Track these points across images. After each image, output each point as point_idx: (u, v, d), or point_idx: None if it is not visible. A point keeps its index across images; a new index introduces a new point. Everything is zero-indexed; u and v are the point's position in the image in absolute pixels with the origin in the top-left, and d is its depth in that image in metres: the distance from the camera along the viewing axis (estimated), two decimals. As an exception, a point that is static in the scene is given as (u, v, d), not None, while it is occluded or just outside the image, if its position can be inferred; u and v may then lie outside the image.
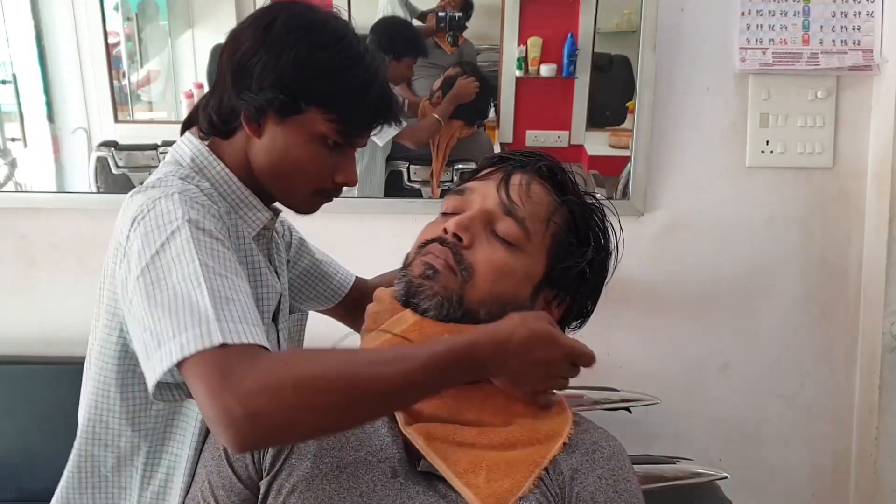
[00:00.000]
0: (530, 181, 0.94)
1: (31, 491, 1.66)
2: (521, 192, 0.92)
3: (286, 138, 0.98)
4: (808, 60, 1.64)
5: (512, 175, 0.94)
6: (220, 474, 0.90)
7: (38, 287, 1.74)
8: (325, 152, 1.00)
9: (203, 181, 1.01)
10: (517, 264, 0.90)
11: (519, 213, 0.91)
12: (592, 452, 0.88)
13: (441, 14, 1.75)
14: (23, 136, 1.76)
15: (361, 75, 0.97)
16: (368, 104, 0.99)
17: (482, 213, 0.91)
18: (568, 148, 1.80)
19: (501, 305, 0.89)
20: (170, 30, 1.81)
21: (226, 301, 0.81)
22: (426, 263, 0.89)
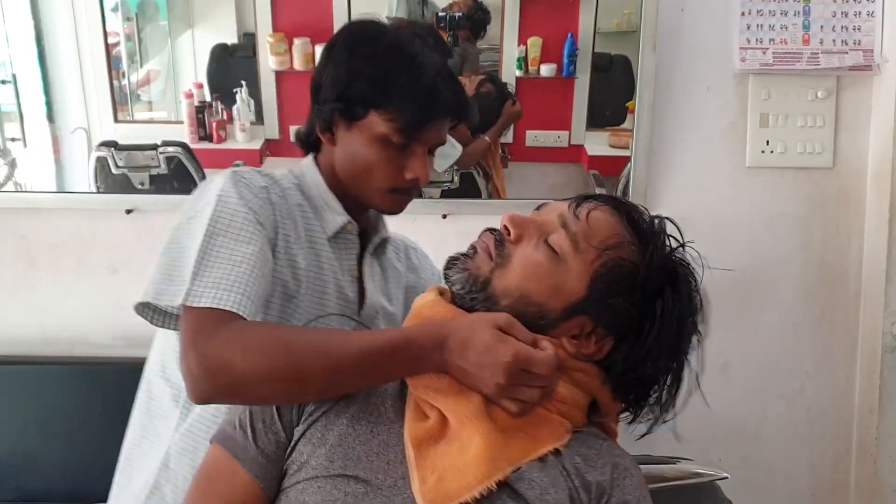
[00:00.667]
0: (601, 208, 0.92)
1: (31, 491, 1.66)
2: (585, 213, 0.91)
3: (354, 142, 1.08)
4: (808, 60, 1.63)
5: (584, 200, 0.93)
6: (263, 408, 0.90)
7: (37, 287, 1.74)
8: (392, 152, 1.07)
9: (291, 179, 1.13)
10: (554, 271, 0.88)
11: (572, 228, 0.90)
12: (623, 479, 0.89)
13: (441, 14, 1.76)
14: (23, 136, 1.76)
15: (410, 75, 1.05)
16: (420, 99, 1.04)
17: (541, 221, 0.92)
18: (568, 148, 1.80)
19: (525, 304, 0.88)
20: (170, 30, 1.81)
21: (208, 267, 0.94)
22: (472, 245, 0.92)
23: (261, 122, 1.77)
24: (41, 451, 1.66)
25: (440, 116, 1.07)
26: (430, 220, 1.70)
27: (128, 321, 1.71)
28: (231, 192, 1.01)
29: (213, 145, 1.77)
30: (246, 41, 1.76)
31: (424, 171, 1.08)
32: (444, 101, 1.07)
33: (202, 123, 1.76)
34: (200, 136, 1.77)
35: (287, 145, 1.77)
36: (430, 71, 1.05)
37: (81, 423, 1.65)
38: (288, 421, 0.89)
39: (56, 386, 1.66)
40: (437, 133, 1.09)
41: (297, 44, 1.74)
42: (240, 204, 1.00)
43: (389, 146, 1.06)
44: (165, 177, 1.73)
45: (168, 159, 1.73)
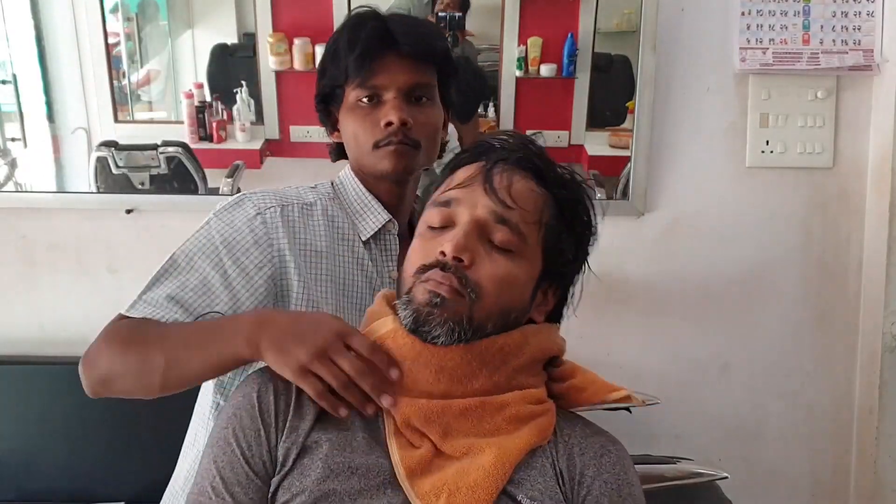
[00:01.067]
0: (513, 178, 0.91)
1: (31, 491, 1.66)
2: (509, 195, 0.90)
3: (344, 125, 1.15)
4: (808, 60, 1.63)
5: (493, 175, 0.91)
6: (233, 470, 0.88)
7: (37, 287, 1.74)
8: (365, 111, 1.11)
9: (327, 190, 1.17)
10: (519, 271, 0.90)
11: (512, 219, 0.89)
12: (600, 457, 0.90)
13: (441, 14, 1.75)
14: (23, 136, 1.76)
15: (336, 35, 1.13)
16: (347, 46, 1.10)
17: (476, 226, 0.89)
18: (568, 148, 1.80)
19: (507, 314, 0.90)
20: (170, 30, 1.81)
21: (157, 283, 1.05)
22: (432, 292, 0.87)
23: (261, 122, 1.77)
24: (41, 451, 1.66)
25: (373, 51, 1.09)
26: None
27: (128, 321, 1.72)
28: (209, 226, 1.09)
29: (214, 145, 1.77)
30: (246, 41, 1.76)
31: (396, 112, 1.09)
32: (366, 37, 1.09)
33: (202, 123, 1.76)
34: (200, 136, 1.77)
35: (287, 145, 1.77)
36: (350, 21, 1.12)
37: (81, 423, 1.65)
38: (263, 472, 0.88)
39: (56, 386, 1.65)
40: (395, 73, 1.10)
41: (298, 44, 1.74)
42: (213, 238, 1.08)
43: (361, 108, 1.11)
44: (166, 177, 1.73)
45: (168, 159, 1.73)
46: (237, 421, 0.89)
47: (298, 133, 1.77)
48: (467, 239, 0.88)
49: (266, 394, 0.90)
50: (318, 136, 1.77)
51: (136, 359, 0.98)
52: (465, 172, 0.93)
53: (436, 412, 0.87)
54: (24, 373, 1.68)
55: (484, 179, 0.91)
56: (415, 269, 0.90)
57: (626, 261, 1.72)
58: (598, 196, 1.75)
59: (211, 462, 0.89)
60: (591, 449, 0.91)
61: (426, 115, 1.13)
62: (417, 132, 1.11)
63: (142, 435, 1.64)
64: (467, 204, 0.90)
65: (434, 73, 1.14)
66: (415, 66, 1.11)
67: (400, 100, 1.10)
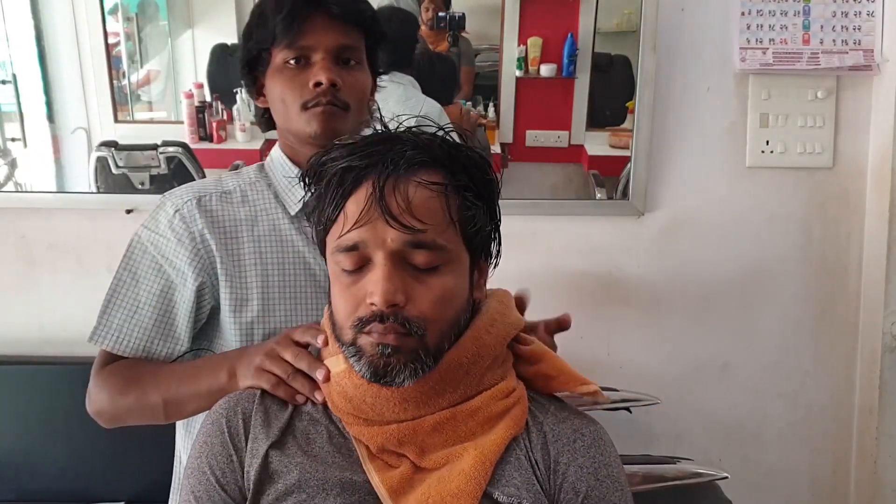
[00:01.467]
0: (408, 193, 0.83)
1: (31, 491, 1.66)
2: (413, 216, 0.82)
3: (272, 87, 1.12)
4: (808, 60, 1.63)
5: (389, 200, 0.82)
6: (210, 499, 0.89)
7: (37, 287, 1.74)
8: (293, 72, 1.09)
9: (254, 173, 1.18)
10: (453, 281, 0.86)
11: (427, 239, 0.83)
12: (573, 441, 0.89)
13: (441, 14, 1.75)
14: (23, 136, 1.76)
15: (267, 2, 1.11)
16: (275, 2, 1.09)
17: (393, 261, 0.83)
18: (568, 148, 1.80)
19: (457, 322, 0.88)
20: (170, 30, 1.81)
21: (111, 311, 1.12)
22: (380, 344, 0.83)
23: (261, 122, 1.77)
24: (41, 451, 1.66)
25: (301, 12, 1.07)
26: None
27: (128, 321, 1.72)
28: (139, 237, 1.14)
29: (214, 145, 1.77)
30: (246, 41, 1.76)
31: (325, 73, 1.07)
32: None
33: (202, 123, 1.76)
34: (200, 136, 1.77)
35: (287, 145, 1.77)
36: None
37: (81, 423, 1.62)
38: (236, 494, 0.88)
39: (56, 386, 1.65)
40: (323, 34, 1.08)
41: (297, 44, 1.73)
42: (145, 246, 1.12)
43: (289, 69, 1.10)
44: (165, 177, 1.73)
45: (168, 159, 1.73)
46: (209, 449, 0.90)
47: (298, 133, 1.77)
48: (391, 282, 0.82)
49: (234, 417, 0.91)
50: (318, 136, 1.77)
51: (135, 400, 1.08)
52: (356, 205, 0.84)
53: (408, 434, 0.87)
54: (24, 373, 1.67)
55: (381, 210, 0.82)
56: (350, 321, 0.85)
57: (626, 261, 1.72)
58: (599, 196, 1.75)
59: (189, 493, 0.90)
60: (565, 434, 0.90)
61: (355, 77, 1.11)
62: (347, 94, 1.09)
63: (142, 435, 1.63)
64: (374, 242, 0.83)
65: (362, 37, 1.13)
66: (343, 27, 1.10)
67: (329, 61, 1.09)
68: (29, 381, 1.67)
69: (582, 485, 0.87)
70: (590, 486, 0.87)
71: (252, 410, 0.92)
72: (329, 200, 0.86)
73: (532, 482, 0.87)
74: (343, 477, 0.86)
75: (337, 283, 0.87)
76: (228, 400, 0.95)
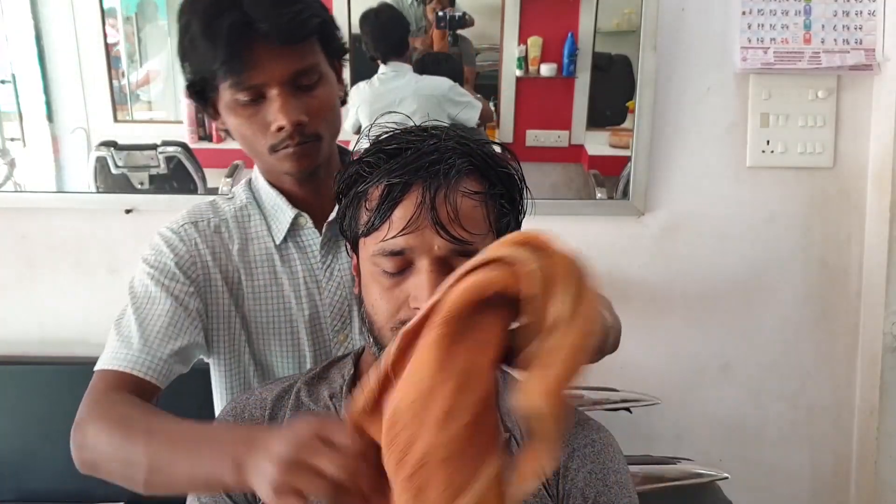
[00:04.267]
0: (457, 203, 0.82)
1: (31, 491, 1.66)
2: (461, 227, 0.82)
3: (229, 121, 1.02)
4: (809, 60, 1.63)
5: (439, 209, 0.82)
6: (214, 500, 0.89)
7: (37, 287, 1.74)
8: (248, 111, 0.99)
9: (245, 195, 1.10)
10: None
11: (471, 248, 0.82)
12: (583, 447, 0.90)
13: (441, 14, 1.75)
14: (22, 136, 1.76)
15: (189, 15, 0.97)
16: (203, 32, 0.95)
17: (438, 269, 0.82)
18: (568, 148, 1.80)
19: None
20: (169, 30, 1.81)
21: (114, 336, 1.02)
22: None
23: (260, 122, 1.77)
24: (41, 451, 1.66)
25: (239, 46, 0.93)
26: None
27: (127, 321, 1.72)
28: (137, 273, 1.07)
29: (213, 145, 1.77)
30: (246, 41, 1.76)
31: (285, 115, 0.96)
32: (228, 32, 0.93)
33: (202, 123, 1.76)
34: (200, 136, 1.77)
35: (287, 145, 1.77)
36: (201, 5, 0.96)
37: (81, 423, 1.65)
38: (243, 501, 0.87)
39: (56, 386, 1.65)
40: (271, 66, 0.95)
41: (297, 43, 1.73)
42: (145, 279, 1.05)
43: (243, 107, 0.98)
44: (165, 177, 1.73)
45: (168, 159, 1.73)
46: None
47: (298, 133, 1.77)
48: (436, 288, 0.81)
49: (242, 424, 0.92)
50: (317, 136, 1.77)
51: (119, 446, 0.89)
52: (404, 211, 0.82)
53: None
54: (24, 373, 1.67)
55: (432, 221, 0.81)
56: (391, 322, 0.84)
57: (625, 261, 1.72)
58: (599, 196, 1.75)
59: (195, 501, 0.91)
60: (574, 440, 0.90)
61: (319, 99, 0.99)
62: (314, 124, 0.99)
63: (141, 435, 1.64)
64: (421, 249, 0.82)
65: (317, 47, 1.00)
66: (291, 51, 0.96)
67: (285, 96, 0.96)
68: (29, 381, 1.67)
69: (591, 491, 0.87)
70: (598, 491, 0.87)
71: (260, 416, 0.92)
72: (376, 211, 0.83)
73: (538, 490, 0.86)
74: None
75: (376, 284, 0.85)
76: (235, 408, 0.94)
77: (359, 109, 1.74)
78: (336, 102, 1.05)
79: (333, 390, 0.94)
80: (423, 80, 1.75)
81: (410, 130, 0.87)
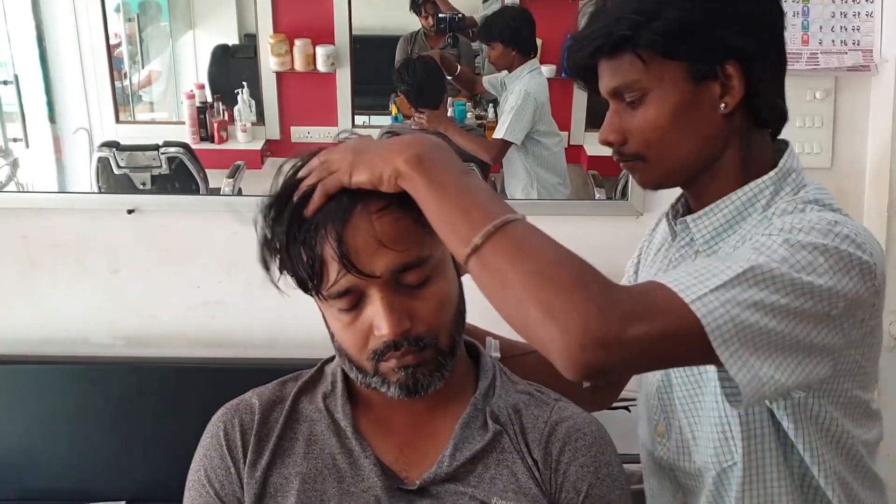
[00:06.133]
0: (374, 224, 0.80)
1: (31, 491, 1.66)
2: (391, 244, 0.80)
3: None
4: (807, 60, 1.64)
5: (358, 239, 0.79)
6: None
7: (38, 287, 1.74)
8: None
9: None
10: (445, 283, 0.86)
11: (410, 260, 0.81)
12: (575, 441, 0.90)
13: (441, 16, 1.76)
14: (24, 137, 1.77)
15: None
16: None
17: (389, 292, 0.81)
18: (567, 148, 1.80)
19: (459, 312, 0.89)
20: (171, 31, 1.82)
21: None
22: (402, 367, 0.83)
23: (262, 123, 1.78)
24: (42, 451, 1.66)
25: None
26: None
27: (128, 321, 1.73)
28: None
29: (215, 146, 1.78)
30: (247, 42, 1.77)
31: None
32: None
33: (203, 124, 1.77)
34: (202, 137, 1.78)
35: (288, 145, 1.78)
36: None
37: (81, 423, 1.65)
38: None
39: (56, 386, 1.66)
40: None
41: (298, 45, 1.74)
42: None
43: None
44: (167, 177, 1.73)
45: (169, 160, 1.74)
46: (208, 462, 0.91)
47: (299, 133, 1.78)
48: (394, 312, 0.81)
49: (232, 430, 0.92)
50: (318, 137, 1.78)
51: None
52: (331, 251, 0.80)
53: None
54: (24, 373, 1.68)
55: (357, 249, 0.79)
56: (364, 354, 0.85)
57: (624, 261, 1.72)
58: (598, 196, 1.75)
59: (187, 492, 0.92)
60: (565, 433, 0.90)
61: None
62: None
63: (142, 435, 1.64)
64: (367, 279, 0.80)
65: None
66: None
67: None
68: (29, 381, 1.67)
69: (583, 483, 0.87)
70: (591, 484, 0.87)
71: (250, 421, 0.92)
72: (305, 272, 0.82)
73: (529, 486, 0.87)
74: (341, 489, 0.88)
75: (337, 322, 0.86)
76: (227, 411, 0.94)
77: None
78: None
79: (326, 389, 0.95)
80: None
81: (289, 184, 0.84)
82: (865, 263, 0.82)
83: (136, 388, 1.64)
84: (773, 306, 0.76)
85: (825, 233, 0.83)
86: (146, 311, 1.70)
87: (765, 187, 0.96)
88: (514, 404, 0.93)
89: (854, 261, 0.81)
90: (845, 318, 0.81)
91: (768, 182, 0.96)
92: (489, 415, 0.91)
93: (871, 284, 0.83)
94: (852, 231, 0.85)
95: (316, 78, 1.76)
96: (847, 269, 0.81)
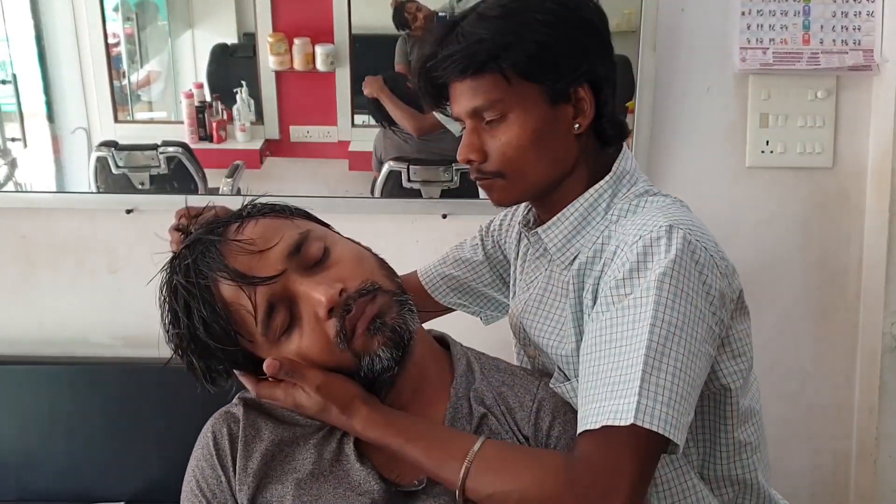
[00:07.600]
0: (245, 229, 0.88)
1: (31, 491, 1.66)
2: (266, 240, 0.86)
3: None
4: (808, 60, 1.63)
5: (236, 250, 0.85)
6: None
7: (37, 287, 1.74)
8: None
9: None
10: (347, 247, 0.90)
11: (295, 240, 0.86)
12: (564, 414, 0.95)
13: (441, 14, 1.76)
14: (23, 136, 1.76)
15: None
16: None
17: (304, 275, 0.85)
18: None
19: (381, 261, 0.93)
20: (170, 30, 1.81)
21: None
22: (371, 327, 0.84)
23: (261, 122, 1.77)
24: (41, 451, 1.66)
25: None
26: (430, 220, 1.70)
27: (128, 321, 1.73)
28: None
29: (214, 145, 1.77)
30: (246, 41, 1.76)
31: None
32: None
33: (202, 123, 1.76)
34: (201, 136, 1.77)
35: (287, 145, 1.77)
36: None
37: (81, 423, 1.65)
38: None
39: (56, 386, 1.66)
40: None
41: (298, 44, 1.74)
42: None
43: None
44: (166, 177, 1.73)
45: (168, 159, 1.73)
46: (199, 472, 0.92)
47: (298, 133, 1.78)
48: (320, 284, 0.84)
49: (221, 438, 0.93)
50: (317, 137, 1.77)
51: None
52: (227, 287, 0.85)
53: None
54: (24, 373, 1.68)
55: (246, 266, 0.85)
56: (336, 347, 0.85)
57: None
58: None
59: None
60: (554, 407, 0.94)
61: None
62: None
63: (142, 435, 1.64)
64: (280, 294, 0.85)
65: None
66: None
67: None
68: (29, 381, 1.67)
69: None
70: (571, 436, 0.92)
71: (239, 428, 0.93)
72: (221, 322, 0.86)
73: None
74: (336, 493, 0.88)
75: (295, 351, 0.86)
76: (216, 420, 0.95)
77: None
78: None
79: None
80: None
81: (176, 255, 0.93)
82: (712, 277, 1.00)
83: (136, 388, 1.64)
84: (681, 362, 0.85)
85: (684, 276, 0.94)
86: (146, 311, 1.69)
87: (603, 191, 1.02)
88: (498, 387, 0.95)
89: (704, 284, 0.97)
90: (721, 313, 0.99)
91: (605, 186, 1.02)
92: (473, 399, 0.93)
93: (721, 273, 1.02)
94: (695, 237, 0.99)
95: (315, 77, 1.75)
96: (704, 295, 0.96)
